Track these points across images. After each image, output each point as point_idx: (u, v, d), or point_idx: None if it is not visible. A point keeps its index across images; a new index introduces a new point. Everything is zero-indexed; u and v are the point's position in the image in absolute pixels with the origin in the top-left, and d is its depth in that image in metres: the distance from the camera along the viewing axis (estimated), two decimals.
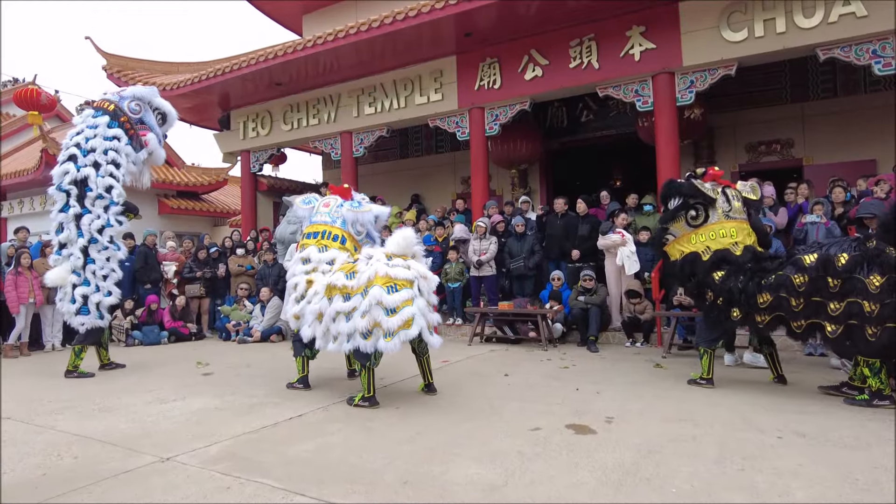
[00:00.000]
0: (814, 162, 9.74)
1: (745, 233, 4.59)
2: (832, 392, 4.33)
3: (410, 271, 4.29)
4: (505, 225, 8.67)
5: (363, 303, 4.18)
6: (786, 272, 4.15)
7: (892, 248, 3.82)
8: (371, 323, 4.16)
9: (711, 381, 4.78)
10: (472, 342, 7.69)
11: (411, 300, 4.17)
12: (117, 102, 6.13)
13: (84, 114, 6.23)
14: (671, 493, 2.58)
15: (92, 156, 5.93)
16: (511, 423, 3.76)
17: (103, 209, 5.94)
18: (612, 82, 8.58)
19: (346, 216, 4.99)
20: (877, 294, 3.77)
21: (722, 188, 4.68)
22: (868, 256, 3.87)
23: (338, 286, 4.36)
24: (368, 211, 5.10)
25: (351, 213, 5.01)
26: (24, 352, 7.92)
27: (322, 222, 4.99)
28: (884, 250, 3.83)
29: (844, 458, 2.97)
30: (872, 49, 6.90)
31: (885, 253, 3.82)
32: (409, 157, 14.11)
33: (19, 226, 9.30)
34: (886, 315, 3.75)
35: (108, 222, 5.97)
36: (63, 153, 6.08)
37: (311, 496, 2.63)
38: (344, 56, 9.99)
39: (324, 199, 5.21)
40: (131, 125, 6.14)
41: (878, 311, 3.77)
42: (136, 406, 4.57)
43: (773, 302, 4.19)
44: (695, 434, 3.43)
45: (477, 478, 2.81)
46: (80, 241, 5.85)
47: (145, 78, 12.26)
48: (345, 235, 4.92)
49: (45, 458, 3.33)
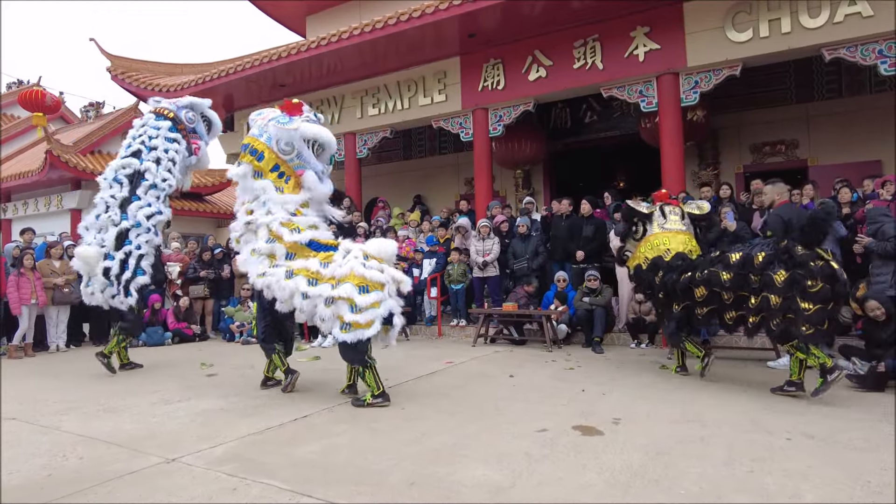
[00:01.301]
0: (819, 163, 9.71)
1: (679, 241, 5.19)
2: (778, 392, 4.48)
3: (384, 274, 4.31)
4: (509, 226, 8.65)
5: (330, 293, 4.21)
6: (716, 269, 4.58)
7: (802, 248, 4.17)
8: (334, 314, 4.24)
9: (684, 368, 5.36)
10: (476, 343, 7.67)
11: (379, 303, 4.22)
12: (176, 111, 6.52)
13: (146, 118, 6.60)
14: (680, 494, 2.56)
15: (154, 153, 6.33)
16: (517, 425, 3.74)
17: (155, 198, 6.31)
18: (617, 83, 8.57)
19: (271, 131, 4.59)
20: (781, 288, 4.17)
21: (660, 205, 5.43)
22: (778, 254, 4.27)
23: (310, 270, 4.36)
24: (295, 129, 4.54)
25: (275, 129, 4.56)
26: (28, 353, 7.92)
27: (251, 135, 4.73)
28: (792, 248, 4.21)
29: (855, 459, 2.95)
30: (878, 49, 6.88)
31: (793, 251, 4.19)
32: (412, 158, 14.11)
33: (25, 227, 9.32)
34: (786, 308, 4.18)
35: (158, 210, 6.31)
36: (127, 149, 6.41)
37: (317, 497, 2.62)
38: (347, 57, 10.00)
39: (264, 112, 4.86)
40: (186, 133, 6.57)
41: (780, 303, 4.19)
42: (141, 407, 4.56)
43: (708, 296, 4.66)
44: (702, 435, 3.41)
45: (484, 479, 2.79)
46: (123, 223, 6.10)
47: (149, 79, 12.29)
48: (265, 152, 4.60)
49: (51, 458, 3.32)
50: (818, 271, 4.07)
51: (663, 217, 5.38)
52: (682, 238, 5.24)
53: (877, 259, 5.62)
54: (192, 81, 11.49)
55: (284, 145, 4.57)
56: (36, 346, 8.14)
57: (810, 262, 4.11)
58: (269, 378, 5.18)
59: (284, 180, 4.65)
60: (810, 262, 4.11)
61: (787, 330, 4.23)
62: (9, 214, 15.94)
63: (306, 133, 4.58)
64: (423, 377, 5.52)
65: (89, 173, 13.73)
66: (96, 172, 13.65)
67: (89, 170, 13.73)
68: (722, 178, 10.22)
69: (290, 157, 4.60)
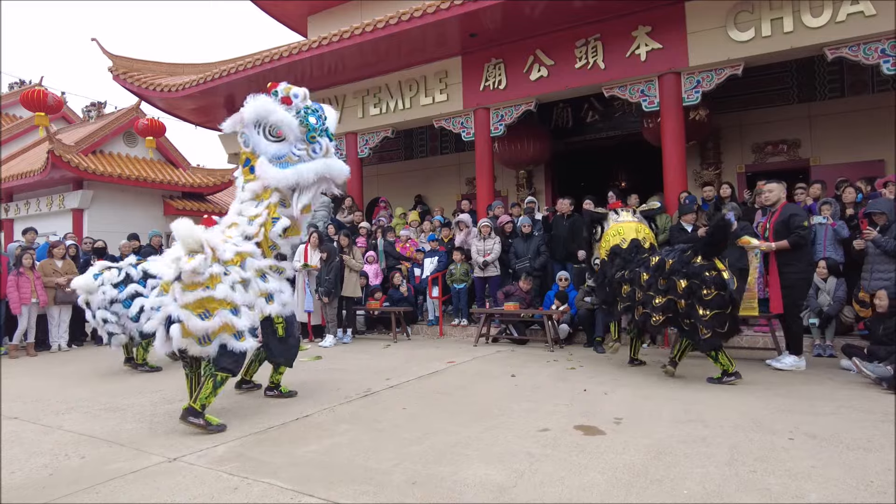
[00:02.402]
0: (821, 162, 9.69)
1: (632, 228, 5.64)
2: (714, 381, 4.86)
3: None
4: (513, 226, 8.64)
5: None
6: (640, 269, 5.05)
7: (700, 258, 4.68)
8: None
9: (635, 362, 5.81)
10: (478, 343, 7.67)
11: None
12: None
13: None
14: (683, 494, 2.55)
15: None
16: (519, 424, 3.73)
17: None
18: (618, 83, 8.56)
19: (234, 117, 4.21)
20: (682, 295, 4.68)
21: (614, 209, 6.01)
22: (682, 262, 4.75)
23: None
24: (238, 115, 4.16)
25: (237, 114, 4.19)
26: (30, 352, 7.93)
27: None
28: (689, 259, 4.73)
29: (858, 459, 2.94)
30: (881, 48, 6.86)
31: (690, 262, 4.71)
32: (413, 158, 14.11)
33: (27, 227, 9.34)
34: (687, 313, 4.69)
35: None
36: None
37: (319, 497, 2.61)
38: (349, 57, 10.00)
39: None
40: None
41: (685, 309, 4.70)
42: (143, 406, 4.56)
43: (630, 292, 5.19)
44: (705, 435, 3.40)
45: (486, 478, 2.79)
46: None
47: (151, 79, 12.30)
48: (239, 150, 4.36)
49: (53, 457, 3.32)
50: (711, 280, 4.57)
51: (616, 215, 5.96)
52: (634, 226, 5.69)
53: (879, 256, 5.62)
54: (194, 81, 11.49)
55: (239, 136, 4.25)
56: (38, 345, 8.15)
57: (704, 273, 4.61)
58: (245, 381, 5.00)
59: (251, 171, 4.30)
60: (704, 272, 4.61)
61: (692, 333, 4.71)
62: (11, 214, 15.97)
63: (246, 117, 4.13)
64: (425, 377, 5.51)
65: (91, 173, 13.77)
66: (98, 172, 13.83)
67: (91, 170, 13.76)
68: (724, 177, 10.21)
69: (250, 149, 4.24)
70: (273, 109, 4.12)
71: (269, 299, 4.14)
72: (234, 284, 3.84)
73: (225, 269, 3.82)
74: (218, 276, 3.74)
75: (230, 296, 3.76)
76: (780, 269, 5.35)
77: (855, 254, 6.16)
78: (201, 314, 3.65)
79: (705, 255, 4.71)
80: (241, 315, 3.83)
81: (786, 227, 5.31)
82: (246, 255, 4.02)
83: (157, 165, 15.94)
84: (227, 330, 3.73)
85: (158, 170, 15.72)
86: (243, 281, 3.93)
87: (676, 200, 7.94)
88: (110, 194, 14.64)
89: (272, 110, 4.11)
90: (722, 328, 4.62)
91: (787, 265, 5.33)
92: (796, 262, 5.34)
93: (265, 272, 4.17)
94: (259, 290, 4.06)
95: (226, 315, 3.72)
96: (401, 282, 9.03)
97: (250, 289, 3.98)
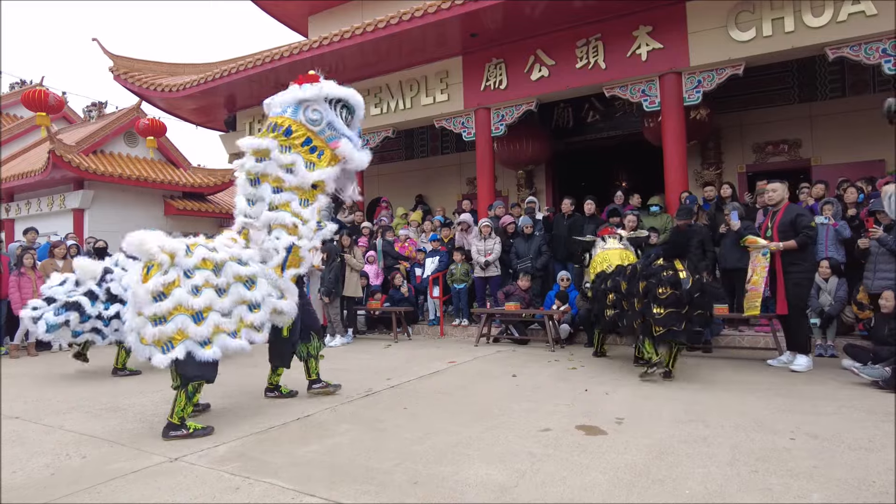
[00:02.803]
0: (822, 162, 9.68)
1: (616, 255, 6.12)
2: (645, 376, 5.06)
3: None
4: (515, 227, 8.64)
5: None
6: (619, 279, 5.40)
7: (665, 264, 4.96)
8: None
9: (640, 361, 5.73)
10: (479, 343, 7.66)
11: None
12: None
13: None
14: (685, 494, 2.55)
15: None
16: (520, 424, 3.73)
17: None
18: (619, 82, 8.56)
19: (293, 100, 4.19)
20: (641, 295, 4.98)
21: (602, 237, 6.47)
22: (645, 266, 5.11)
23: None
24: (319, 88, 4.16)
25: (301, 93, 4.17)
26: (31, 352, 7.93)
27: (273, 114, 4.30)
28: (649, 262, 5.11)
29: (860, 460, 2.93)
30: (882, 48, 6.86)
31: (651, 265, 5.04)
32: (414, 158, 14.11)
33: (28, 227, 9.34)
34: (643, 312, 4.97)
35: None
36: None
37: (320, 496, 2.61)
38: (349, 57, 10.00)
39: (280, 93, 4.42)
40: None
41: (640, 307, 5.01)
42: (145, 406, 4.57)
43: (614, 300, 5.49)
44: (706, 435, 3.40)
45: (488, 478, 2.79)
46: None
47: (151, 79, 12.31)
48: (291, 125, 4.14)
49: (54, 457, 3.32)
50: (666, 280, 4.81)
51: (604, 242, 6.43)
52: (619, 253, 6.19)
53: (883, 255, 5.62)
54: (195, 81, 11.51)
55: (311, 112, 4.14)
56: (39, 345, 8.15)
57: (661, 273, 4.87)
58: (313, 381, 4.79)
59: (317, 155, 4.18)
60: (661, 272, 4.87)
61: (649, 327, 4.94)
62: (12, 214, 15.97)
63: (331, 92, 4.16)
64: (426, 377, 5.51)
65: (92, 173, 13.77)
66: (98, 172, 13.84)
67: (92, 170, 13.75)
68: (724, 177, 10.21)
69: (320, 129, 4.15)
70: (354, 93, 4.23)
71: (253, 307, 3.87)
72: (197, 288, 3.62)
73: (186, 272, 3.63)
74: (173, 282, 3.58)
75: (188, 301, 3.56)
76: (785, 269, 5.34)
77: (858, 253, 6.15)
78: (156, 321, 3.53)
79: (666, 257, 5.04)
80: (205, 323, 3.61)
81: (792, 227, 5.30)
82: (222, 261, 3.78)
83: (158, 165, 15.95)
84: (181, 336, 3.54)
85: (159, 170, 15.72)
86: (210, 286, 3.68)
87: (677, 200, 7.93)
88: (111, 194, 14.64)
89: (353, 93, 4.22)
90: (679, 326, 4.75)
91: (792, 265, 5.32)
92: (802, 262, 5.33)
93: (252, 279, 3.90)
94: (240, 298, 3.80)
95: (181, 320, 3.54)
96: (401, 282, 9.03)
97: (228, 295, 3.75)
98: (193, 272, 3.65)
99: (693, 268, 5.06)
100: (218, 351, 3.67)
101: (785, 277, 5.34)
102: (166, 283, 3.56)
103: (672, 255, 5.11)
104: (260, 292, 3.92)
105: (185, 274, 3.63)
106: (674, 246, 5.24)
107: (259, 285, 3.93)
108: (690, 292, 4.78)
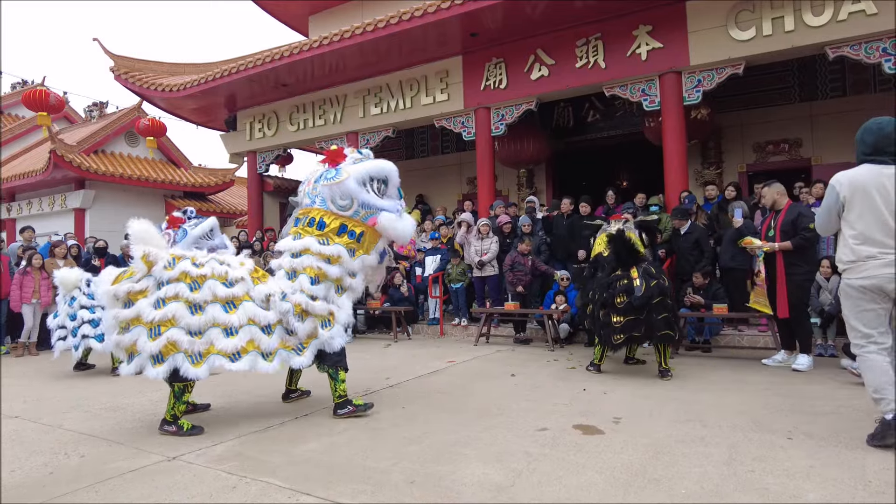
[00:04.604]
0: (822, 162, 9.67)
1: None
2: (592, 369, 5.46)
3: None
4: (512, 226, 8.64)
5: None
6: (597, 289, 5.33)
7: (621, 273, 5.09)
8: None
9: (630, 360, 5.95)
10: (478, 342, 7.67)
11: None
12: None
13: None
14: (681, 494, 2.55)
15: None
16: (518, 424, 3.74)
17: None
18: (619, 82, 8.55)
19: (323, 193, 4.04)
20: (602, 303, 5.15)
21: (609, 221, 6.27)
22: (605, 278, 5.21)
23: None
24: (347, 177, 3.96)
25: (326, 189, 4.02)
26: (31, 351, 7.95)
27: (304, 207, 4.18)
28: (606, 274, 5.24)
29: (857, 459, 2.93)
30: (883, 47, 6.84)
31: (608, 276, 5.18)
32: (414, 157, 14.12)
33: (25, 225, 9.37)
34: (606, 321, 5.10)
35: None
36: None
37: (317, 496, 2.62)
38: (350, 57, 10.01)
39: (308, 175, 4.27)
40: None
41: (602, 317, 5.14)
42: (143, 405, 4.58)
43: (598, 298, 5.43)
44: (703, 435, 3.40)
45: (484, 478, 2.79)
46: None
47: (152, 79, 12.33)
48: (324, 217, 4.01)
49: (53, 456, 3.33)
50: (621, 288, 4.94)
51: (608, 224, 6.26)
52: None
53: None
54: (195, 81, 11.52)
55: (341, 200, 4.01)
56: (39, 344, 8.17)
57: (616, 283, 5.00)
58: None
59: (357, 240, 4.06)
60: (617, 282, 5.00)
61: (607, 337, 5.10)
62: (13, 214, 16.01)
63: (359, 175, 4.01)
64: (425, 376, 5.52)
65: (93, 173, 13.81)
66: (99, 172, 13.86)
67: (93, 169, 13.79)
68: (725, 176, 10.20)
69: (353, 212, 4.02)
70: (382, 162, 4.17)
71: (230, 333, 3.63)
72: (163, 301, 3.52)
73: (160, 284, 3.57)
74: (141, 291, 3.54)
75: (147, 314, 3.47)
76: (787, 269, 5.32)
77: None
78: (122, 330, 3.52)
79: (619, 265, 5.15)
80: (159, 339, 3.46)
81: (794, 227, 5.30)
82: (203, 277, 3.66)
83: (159, 165, 15.98)
84: (133, 349, 3.50)
85: (160, 169, 15.76)
86: (182, 299, 3.56)
87: (678, 200, 7.92)
88: (112, 194, 14.68)
89: (380, 163, 4.16)
90: (639, 332, 4.93)
91: (793, 266, 5.31)
92: (803, 264, 5.33)
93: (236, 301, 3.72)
94: (213, 320, 3.60)
95: (137, 332, 3.48)
96: (401, 281, 9.04)
97: (204, 313, 3.59)
98: (166, 284, 3.57)
99: (649, 273, 4.99)
100: (163, 371, 3.48)
101: (787, 279, 5.33)
102: (133, 290, 3.53)
103: (620, 262, 5.16)
104: (235, 318, 3.67)
105: (157, 285, 3.58)
106: (616, 255, 5.22)
107: (242, 309, 3.70)
108: (648, 297, 4.84)
